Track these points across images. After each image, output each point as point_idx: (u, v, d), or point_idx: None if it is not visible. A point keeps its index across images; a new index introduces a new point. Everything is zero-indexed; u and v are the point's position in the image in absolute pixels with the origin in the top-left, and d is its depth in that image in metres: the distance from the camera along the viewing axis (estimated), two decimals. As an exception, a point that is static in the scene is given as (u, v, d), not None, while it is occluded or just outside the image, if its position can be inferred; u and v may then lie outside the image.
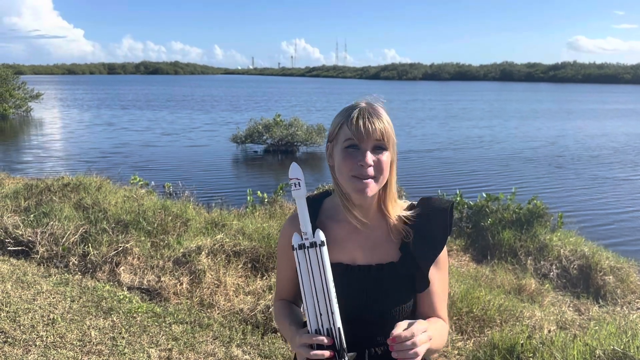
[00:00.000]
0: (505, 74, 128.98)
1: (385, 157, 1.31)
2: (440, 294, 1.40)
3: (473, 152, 16.67)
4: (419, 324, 1.20)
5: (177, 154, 15.68)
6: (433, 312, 1.39)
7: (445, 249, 1.41)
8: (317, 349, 1.22)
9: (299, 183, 1.27)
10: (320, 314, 1.24)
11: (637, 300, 5.33)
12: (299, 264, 1.27)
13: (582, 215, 9.17)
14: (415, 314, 1.42)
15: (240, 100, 44.39)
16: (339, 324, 1.23)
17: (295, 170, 1.27)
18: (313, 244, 1.26)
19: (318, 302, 1.24)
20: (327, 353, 1.20)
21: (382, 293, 1.35)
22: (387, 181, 1.34)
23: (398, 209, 1.41)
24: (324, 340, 1.21)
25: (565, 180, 12.36)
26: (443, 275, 1.41)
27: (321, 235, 1.26)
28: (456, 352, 3.56)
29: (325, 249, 1.26)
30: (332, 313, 1.23)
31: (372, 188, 1.30)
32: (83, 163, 13.31)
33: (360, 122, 1.28)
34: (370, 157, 1.28)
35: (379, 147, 1.30)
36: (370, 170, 1.29)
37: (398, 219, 1.39)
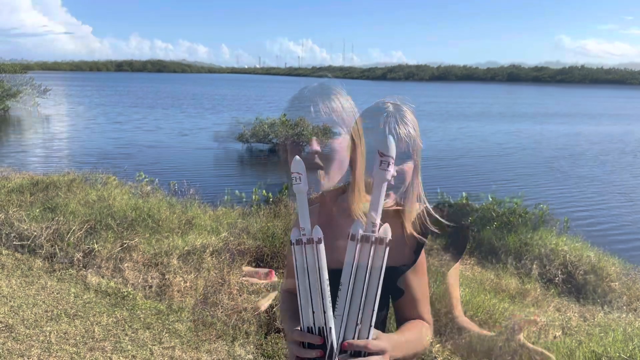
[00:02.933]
0: (512, 76, 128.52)
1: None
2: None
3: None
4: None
5: (184, 152, 15.68)
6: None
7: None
8: (308, 347, 1.20)
9: (299, 177, 1.25)
10: (314, 312, 1.22)
11: (643, 307, 5.28)
12: (295, 259, 1.25)
13: (594, 220, 9.10)
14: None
15: (251, 100, 44.15)
16: (331, 323, 1.21)
17: (297, 165, 1.26)
18: (310, 240, 1.24)
19: (312, 299, 1.23)
20: (315, 353, 1.19)
21: None
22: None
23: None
24: (315, 339, 1.20)
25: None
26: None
27: (319, 232, 1.24)
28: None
29: (322, 246, 1.23)
30: (325, 312, 1.21)
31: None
32: (90, 159, 13.35)
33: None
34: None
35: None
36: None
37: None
